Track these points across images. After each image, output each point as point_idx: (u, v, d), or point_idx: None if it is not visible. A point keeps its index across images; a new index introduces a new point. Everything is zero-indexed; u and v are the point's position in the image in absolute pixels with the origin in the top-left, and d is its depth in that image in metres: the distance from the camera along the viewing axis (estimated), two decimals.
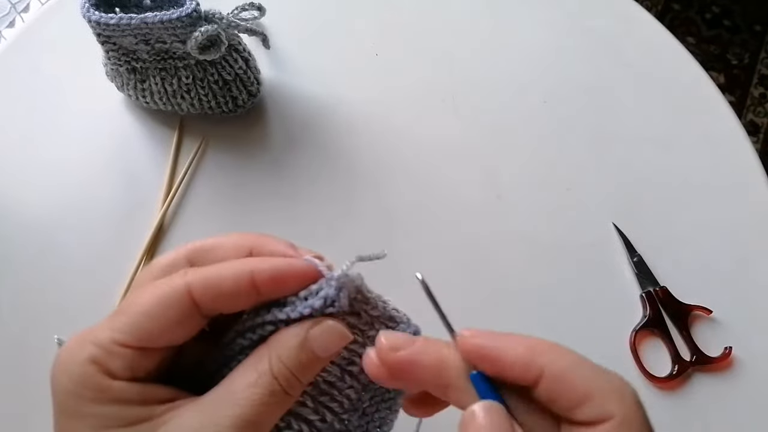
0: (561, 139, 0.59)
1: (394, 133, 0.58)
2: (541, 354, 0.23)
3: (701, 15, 1.59)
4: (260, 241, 0.27)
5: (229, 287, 0.25)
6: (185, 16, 0.49)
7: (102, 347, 0.24)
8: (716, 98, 0.61)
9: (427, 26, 0.64)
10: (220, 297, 0.25)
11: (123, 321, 0.24)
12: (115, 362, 0.24)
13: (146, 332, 0.24)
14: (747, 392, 0.49)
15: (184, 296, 0.24)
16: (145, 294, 0.25)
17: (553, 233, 0.54)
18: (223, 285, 0.24)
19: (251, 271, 0.25)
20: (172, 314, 0.24)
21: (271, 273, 0.25)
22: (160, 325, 0.24)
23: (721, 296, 0.51)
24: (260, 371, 0.24)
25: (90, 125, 0.58)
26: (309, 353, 0.25)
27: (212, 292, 0.24)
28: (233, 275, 0.25)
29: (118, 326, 0.24)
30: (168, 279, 0.25)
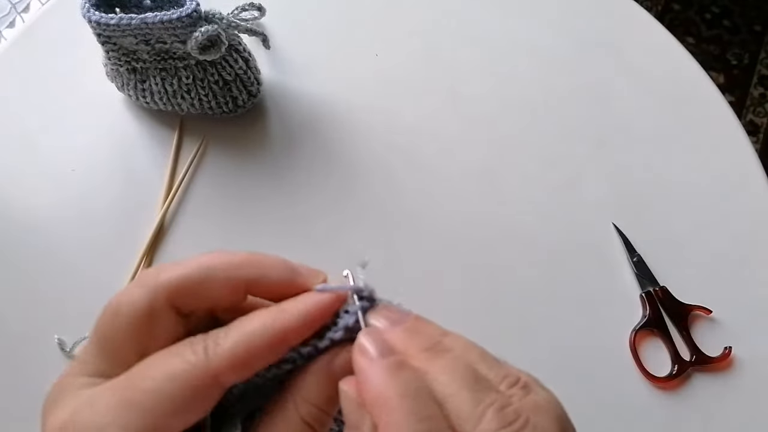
0: (561, 139, 0.59)
1: (393, 133, 0.58)
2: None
3: (701, 15, 1.59)
4: (256, 270, 0.24)
5: (261, 358, 0.22)
6: (185, 16, 0.49)
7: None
8: (716, 98, 0.61)
9: (427, 26, 0.64)
10: (251, 370, 0.22)
11: (137, 421, 0.20)
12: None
13: (167, 431, 0.21)
14: (747, 392, 0.49)
15: (210, 384, 0.21)
16: (162, 381, 0.21)
17: (553, 233, 0.54)
18: (256, 359, 0.22)
19: (283, 332, 0.22)
20: (196, 406, 0.21)
21: (303, 326, 0.23)
22: (182, 420, 0.21)
23: (720, 296, 0.51)
24: (287, 420, 0.22)
25: (90, 125, 0.58)
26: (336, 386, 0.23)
27: (243, 370, 0.22)
28: (268, 348, 0.22)
29: (133, 427, 0.20)
30: (186, 362, 0.21)
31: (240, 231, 0.54)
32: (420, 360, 0.22)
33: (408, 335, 0.23)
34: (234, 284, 0.24)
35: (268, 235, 0.54)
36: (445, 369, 0.21)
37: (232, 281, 0.24)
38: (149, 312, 0.23)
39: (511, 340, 0.50)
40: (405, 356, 0.22)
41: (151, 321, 0.23)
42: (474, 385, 0.21)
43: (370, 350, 0.22)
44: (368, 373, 0.21)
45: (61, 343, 0.49)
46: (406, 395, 0.20)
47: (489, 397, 0.20)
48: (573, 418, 0.24)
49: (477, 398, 0.20)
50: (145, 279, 0.23)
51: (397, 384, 0.20)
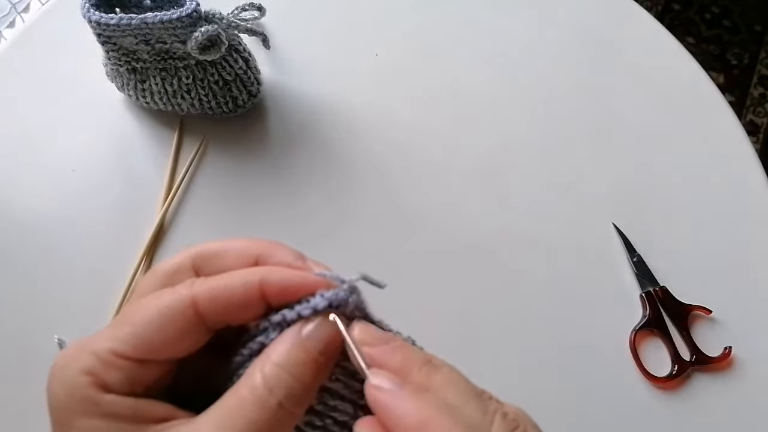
0: (561, 139, 0.59)
1: (393, 132, 0.58)
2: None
3: (701, 15, 1.59)
4: (268, 250, 0.26)
5: (236, 300, 0.24)
6: (185, 16, 0.49)
7: (99, 357, 0.22)
8: (716, 98, 0.61)
9: (427, 26, 0.64)
10: (227, 309, 0.24)
11: (124, 331, 0.23)
12: (112, 374, 0.22)
13: (147, 344, 0.23)
14: (747, 392, 0.49)
15: (188, 308, 0.23)
16: (148, 304, 0.24)
17: (553, 233, 0.54)
18: (231, 297, 0.24)
19: (260, 282, 0.24)
20: (175, 326, 0.23)
21: (281, 285, 0.24)
22: (162, 337, 0.23)
23: (720, 296, 0.51)
24: (251, 383, 0.22)
25: (90, 125, 0.58)
26: (306, 350, 0.23)
27: (219, 304, 0.24)
28: (241, 287, 0.24)
29: (118, 336, 0.23)
30: (172, 290, 0.24)
31: (240, 231, 0.54)
32: (421, 376, 0.23)
33: (402, 354, 0.24)
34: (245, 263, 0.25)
35: (268, 234, 0.53)
36: (448, 383, 0.23)
37: (241, 260, 0.25)
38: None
39: (511, 339, 0.50)
40: (404, 375, 0.23)
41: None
42: (476, 396, 0.22)
43: (386, 385, 0.22)
44: (395, 404, 0.22)
45: (61, 343, 0.49)
46: (442, 411, 0.21)
47: (492, 405, 0.22)
48: (573, 418, 0.24)
49: (483, 407, 0.22)
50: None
51: (429, 405, 0.22)
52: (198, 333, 0.24)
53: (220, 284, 0.24)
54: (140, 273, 0.52)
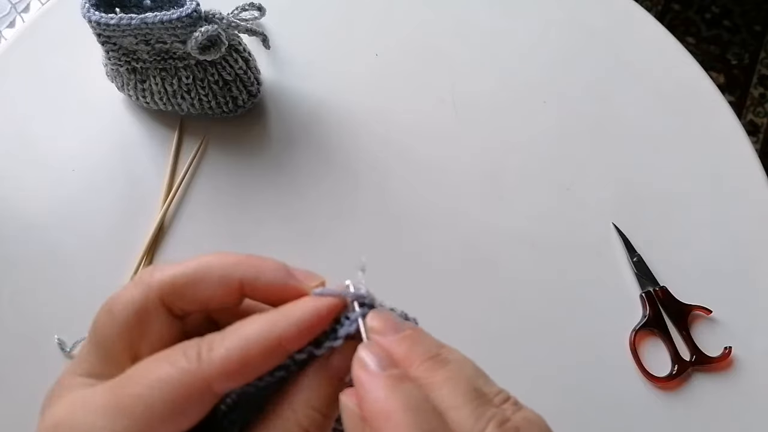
0: (561, 139, 0.59)
1: (393, 132, 0.58)
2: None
3: (701, 15, 1.59)
4: (252, 271, 0.24)
5: (257, 365, 0.22)
6: (185, 16, 0.49)
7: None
8: (716, 98, 0.61)
9: (427, 26, 0.64)
10: (247, 378, 0.22)
11: (127, 427, 0.20)
12: None
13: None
14: (747, 392, 0.49)
15: (200, 390, 0.21)
16: (152, 388, 0.21)
17: (553, 233, 0.54)
18: (251, 366, 0.21)
19: (279, 339, 0.22)
20: (187, 412, 0.21)
21: (301, 333, 0.22)
22: (174, 426, 0.21)
23: (720, 296, 0.51)
24: (285, 426, 0.22)
25: (90, 126, 0.58)
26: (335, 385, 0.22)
27: (238, 378, 0.21)
28: (260, 351, 0.21)
29: (120, 430, 0.20)
30: (177, 367, 0.21)
31: (240, 231, 0.54)
32: (420, 370, 0.22)
33: (407, 344, 0.23)
34: (227, 283, 0.23)
35: (268, 234, 0.54)
36: (447, 381, 0.21)
37: (225, 280, 0.23)
38: (142, 311, 0.23)
39: (511, 339, 0.50)
40: (405, 366, 0.22)
41: (144, 321, 0.23)
42: (474, 399, 0.21)
43: (370, 363, 0.22)
44: (369, 386, 0.21)
45: (61, 343, 0.49)
46: (408, 408, 0.20)
47: (489, 412, 0.21)
48: (573, 418, 0.24)
49: (478, 412, 0.20)
50: (140, 279, 0.23)
51: (398, 397, 0.20)
52: (209, 404, 0.22)
53: (235, 356, 0.21)
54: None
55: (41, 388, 0.49)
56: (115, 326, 0.23)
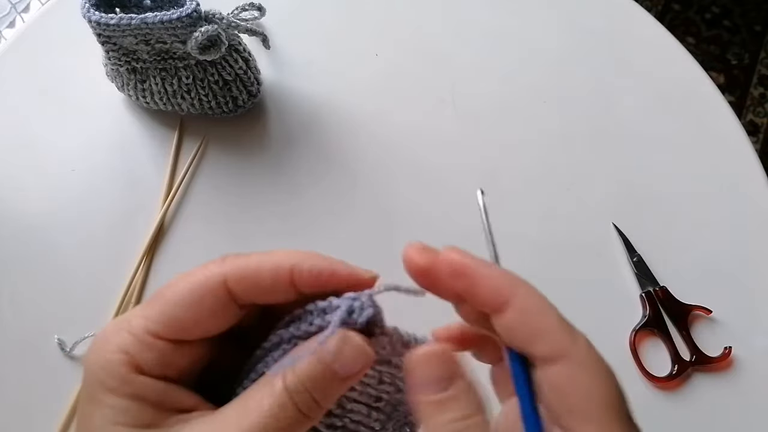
0: (561, 139, 0.58)
1: (393, 132, 0.58)
2: (514, 285, 0.25)
3: (701, 15, 1.59)
4: (303, 257, 0.26)
5: (266, 281, 0.24)
6: (185, 16, 0.49)
7: (135, 336, 0.23)
8: (716, 98, 0.61)
9: (427, 26, 0.64)
10: (256, 290, 0.24)
11: (156, 310, 0.24)
12: (146, 355, 0.23)
13: (180, 322, 0.23)
14: (747, 392, 0.49)
15: (219, 285, 0.24)
16: (179, 283, 0.24)
17: (553, 233, 0.54)
18: (261, 279, 0.24)
19: (291, 266, 0.24)
20: (206, 303, 0.24)
21: (311, 271, 0.24)
22: (194, 314, 0.24)
23: (720, 296, 0.51)
24: (275, 386, 0.23)
25: (90, 126, 0.58)
26: (325, 367, 0.23)
27: (249, 283, 0.24)
28: (271, 269, 0.24)
29: (152, 315, 0.23)
30: (203, 267, 0.24)
31: (240, 231, 0.54)
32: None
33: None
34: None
35: (268, 234, 0.54)
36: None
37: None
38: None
39: None
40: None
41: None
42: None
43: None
44: (487, 272, 0.24)
45: (61, 344, 0.49)
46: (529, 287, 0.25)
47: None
48: None
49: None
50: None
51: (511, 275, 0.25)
52: (229, 311, 0.24)
53: (250, 264, 0.24)
54: (140, 272, 0.52)
55: (41, 388, 0.49)
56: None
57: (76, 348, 0.49)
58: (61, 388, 0.48)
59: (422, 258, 0.25)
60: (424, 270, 0.25)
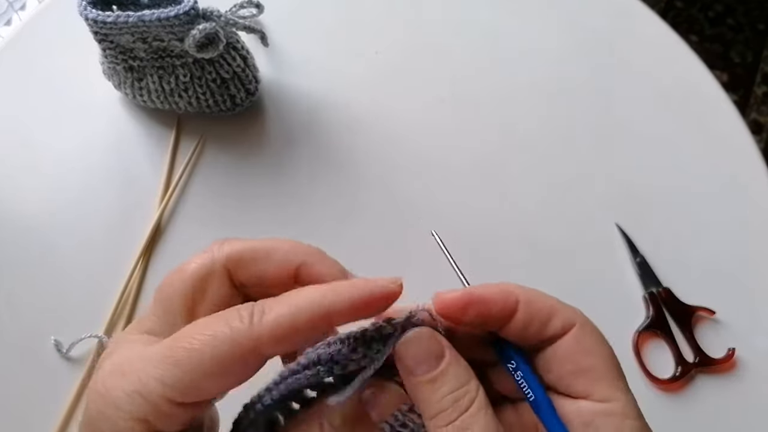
0: (563, 138, 0.58)
1: (393, 131, 0.58)
2: (509, 287, 0.26)
3: (704, 13, 1.58)
4: (311, 258, 0.25)
5: (303, 333, 0.22)
6: (183, 13, 0.49)
7: (153, 405, 0.21)
8: (720, 97, 0.60)
9: (427, 24, 0.64)
10: (291, 345, 0.23)
11: (176, 375, 0.21)
12: (166, 424, 0.22)
13: (204, 391, 0.22)
14: (750, 394, 0.48)
15: (248, 350, 0.21)
16: (204, 343, 0.21)
17: (556, 234, 0.54)
18: (298, 333, 0.22)
19: (329, 311, 0.22)
20: (232, 370, 0.22)
21: (351, 307, 0.23)
22: (217, 382, 0.22)
23: (724, 297, 0.51)
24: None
25: (87, 124, 0.58)
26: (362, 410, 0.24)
27: (284, 343, 0.22)
28: (308, 319, 0.22)
29: (170, 381, 0.21)
30: (228, 325, 0.22)
31: (238, 230, 0.54)
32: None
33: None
34: (287, 266, 0.25)
35: (266, 233, 0.53)
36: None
37: (286, 262, 0.25)
38: (206, 275, 0.25)
39: None
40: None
41: (206, 284, 0.25)
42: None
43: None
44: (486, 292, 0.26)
45: (58, 344, 0.49)
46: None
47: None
48: None
49: None
50: (210, 248, 0.26)
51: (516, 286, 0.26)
52: (253, 368, 0.23)
53: (285, 322, 0.22)
54: (137, 273, 0.51)
55: (38, 388, 0.49)
56: (179, 286, 0.24)
57: (72, 349, 0.48)
58: (58, 389, 0.47)
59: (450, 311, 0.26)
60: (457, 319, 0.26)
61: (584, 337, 0.25)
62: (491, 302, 0.25)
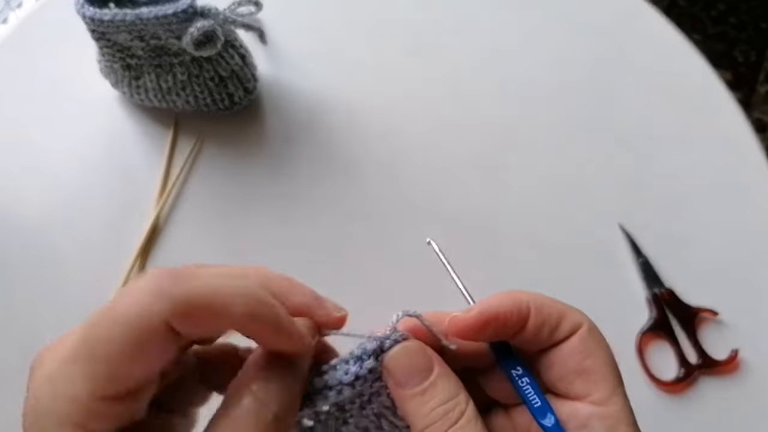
0: (566, 138, 0.57)
1: (393, 130, 0.57)
2: (519, 295, 0.26)
3: (707, 12, 1.57)
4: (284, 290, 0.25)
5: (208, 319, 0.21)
6: (180, 11, 0.49)
7: (82, 405, 0.20)
8: (724, 96, 0.60)
9: (429, 21, 0.63)
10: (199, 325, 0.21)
11: (95, 369, 0.20)
12: (98, 422, 0.21)
13: (124, 378, 0.21)
14: (754, 395, 0.48)
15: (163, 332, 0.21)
16: (110, 329, 0.21)
17: (559, 234, 0.53)
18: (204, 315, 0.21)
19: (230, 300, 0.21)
20: (148, 349, 0.21)
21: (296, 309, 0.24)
22: (138, 367, 0.21)
23: (727, 298, 0.50)
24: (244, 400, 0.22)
25: (84, 123, 0.58)
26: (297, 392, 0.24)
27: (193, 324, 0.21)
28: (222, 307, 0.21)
29: (92, 376, 0.20)
30: (137, 304, 0.21)
31: (236, 230, 0.53)
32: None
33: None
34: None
35: (265, 234, 0.53)
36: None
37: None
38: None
39: None
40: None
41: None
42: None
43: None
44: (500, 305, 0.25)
45: None
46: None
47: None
48: None
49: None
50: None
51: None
52: (171, 345, 0.21)
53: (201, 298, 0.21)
54: (134, 273, 0.51)
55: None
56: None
57: None
58: None
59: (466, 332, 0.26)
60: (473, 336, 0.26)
61: (589, 339, 0.26)
62: (507, 317, 0.25)
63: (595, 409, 0.25)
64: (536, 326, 0.26)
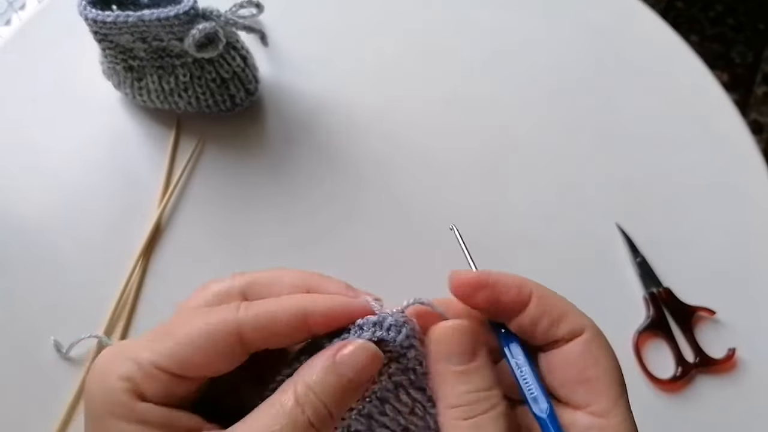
0: (564, 138, 0.58)
1: (394, 131, 0.58)
2: (527, 281, 0.27)
3: (705, 13, 1.58)
4: (318, 283, 0.27)
5: (281, 329, 0.24)
6: (183, 13, 0.49)
7: (141, 367, 0.23)
8: (721, 97, 0.60)
9: (429, 23, 0.64)
10: (270, 337, 0.24)
11: (167, 346, 0.24)
12: (150, 385, 0.23)
13: (189, 362, 0.23)
14: (751, 394, 0.48)
15: (232, 334, 0.24)
16: (194, 322, 0.24)
17: (556, 233, 0.54)
18: (276, 326, 0.24)
19: (305, 312, 0.24)
20: (217, 349, 0.24)
21: (325, 314, 0.24)
22: (203, 357, 0.24)
23: (724, 297, 0.51)
24: (284, 401, 0.23)
25: (87, 124, 0.58)
26: (338, 376, 0.23)
27: (263, 333, 0.24)
28: (286, 317, 0.24)
29: (162, 350, 0.23)
30: (220, 312, 0.24)
31: (239, 232, 0.54)
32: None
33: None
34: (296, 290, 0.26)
35: (266, 234, 0.53)
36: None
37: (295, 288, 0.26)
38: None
39: None
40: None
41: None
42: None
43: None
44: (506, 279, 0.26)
45: (57, 345, 0.48)
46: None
47: None
48: None
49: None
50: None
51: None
52: (238, 356, 0.24)
53: (265, 312, 0.24)
54: (137, 273, 0.51)
55: (38, 389, 0.49)
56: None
57: (72, 349, 0.48)
58: (58, 389, 0.47)
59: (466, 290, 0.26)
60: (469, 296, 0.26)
61: (593, 347, 0.25)
62: (505, 288, 0.26)
63: (595, 420, 0.24)
64: (535, 315, 0.25)
